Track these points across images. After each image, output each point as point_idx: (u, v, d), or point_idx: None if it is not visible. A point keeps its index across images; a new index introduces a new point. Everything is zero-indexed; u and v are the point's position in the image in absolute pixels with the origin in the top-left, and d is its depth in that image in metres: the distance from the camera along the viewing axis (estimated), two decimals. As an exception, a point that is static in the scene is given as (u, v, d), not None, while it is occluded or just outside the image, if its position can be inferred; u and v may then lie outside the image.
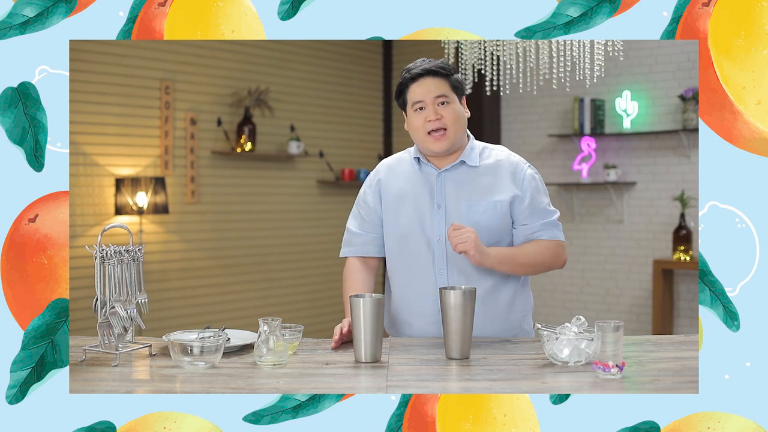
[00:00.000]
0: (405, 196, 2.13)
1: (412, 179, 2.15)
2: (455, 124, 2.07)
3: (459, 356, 1.78)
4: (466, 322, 1.78)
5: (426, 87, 2.06)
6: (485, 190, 2.10)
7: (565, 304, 5.67)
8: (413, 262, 2.11)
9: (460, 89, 2.10)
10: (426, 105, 2.06)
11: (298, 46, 5.63)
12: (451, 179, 2.11)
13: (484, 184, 2.11)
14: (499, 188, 2.11)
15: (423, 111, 2.07)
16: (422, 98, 2.06)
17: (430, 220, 2.09)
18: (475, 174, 2.11)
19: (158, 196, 4.61)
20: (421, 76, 2.07)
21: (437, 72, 2.07)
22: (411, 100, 2.08)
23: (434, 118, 2.05)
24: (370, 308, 1.76)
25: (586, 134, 5.38)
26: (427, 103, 2.06)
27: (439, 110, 2.05)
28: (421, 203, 2.11)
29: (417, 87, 2.07)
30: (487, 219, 2.07)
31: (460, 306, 1.78)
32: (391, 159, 2.25)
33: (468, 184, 2.10)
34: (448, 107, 2.06)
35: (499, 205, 2.09)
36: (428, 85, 2.06)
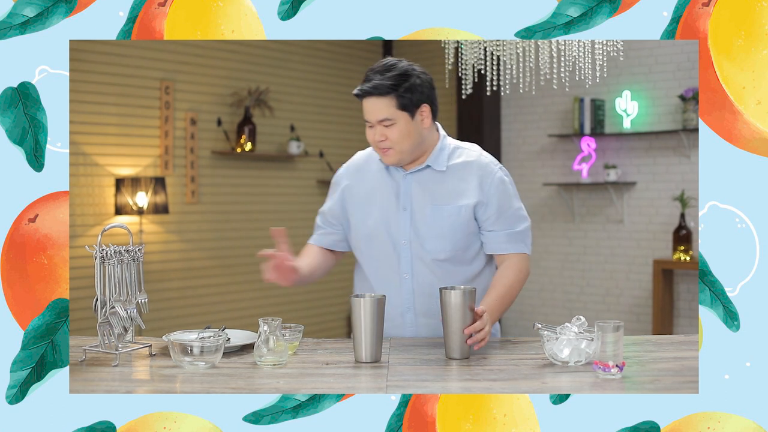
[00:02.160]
0: (372, 198, 2.12)
1: (378, 180, 2.13)
2: (402, 143, 2.01)
3: (459, 356, 1.79)
4: (466, 321, 1.78)
5: (371, 108, 2.00)
6: (451, 194, 2.07)
7: (565, 304, 5.67)
8: (380, 263, 2.11)
9: (412, 104, 1.99)
10: (373, 124, 2.02)
11: (298, 46, 5.63)
12: (417, 182, 2.08)
13: (450, 188, 2.07)
14: (464, 192, 2.07)
15: (372, 129, 2.03)
16: (368, 118, 2.02)
17: (396, 222, 2.08)
18: (442, 177, 2.08)
19: (158, 196, 4.61)
20: (365, 95, 2.00)
21: (383, 92, 1.97)
22: (363, 114, 2.04)
23: (379, 139, 2.01)
24: (370, 308, 1.76)
25: (586, 134, 5.38)
26: (373, 123, 2.01)
27: (384, 131, 2.00)
28: (386, 205, 2.09)
29: (365, 104, 2.01)
30: (451, 224, 2.05)
31: (460, 305, 1.78)
32: (360, 157, 2.22)
33: (434, 188, 2.07)
34: (393, 128, 1.99)
35: (464, 210, 2.05)
36: (373, 106, 1.99)
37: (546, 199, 5.73)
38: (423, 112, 2.03)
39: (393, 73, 1.98)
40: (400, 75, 1.98)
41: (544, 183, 5.66)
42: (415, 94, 2.00)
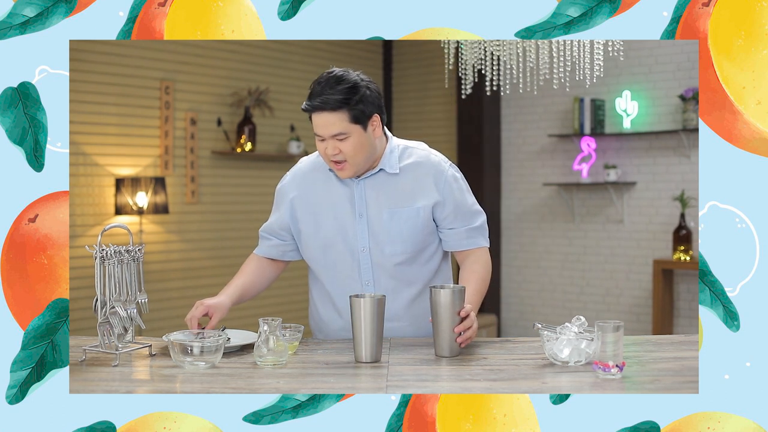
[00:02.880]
0: (323, 207, 2.08)
1: (330, 188, 2.08)
2: (356, 156, 1.98)
3: (449, 354, 1.81)
4: (455, 320, 1.80)
5: (322, 123, 1.95)
6: (406, 197, 2.05)
7: (565, 304, 5.67)
8: (338, 272, 2.08)
9: (364, 116, 1.95)
10: (325, 138, 1.97)
11: (298, 46, 5.63)
12: (371, 187, 2.05)
13: (405, 190, 2.05)
14: (420, 193, 2.05)
15: (323, 142, 1.98)
16: (320, 133, 1.97)
17: (353, 230, 2.05)
18: (395, 180, 2.05)
19: (158, 196, 4.61)
20: (316, 110, 1.95)
21: (335, 107, 1.93)
22: (313, 128, 1.99)
23: (333, 153, 1.97)
24: (370, 308, 1.76)
25: (586, 134, 5.38)
26: (326, 137, 1.97)
27: (338, 145, 1.96)
28: (341, 213, 2.06)
29: (315, 119, 1.97)
30: (410, 227, 2.04)
31: (450, 304, 1.80)
32: (307, 165, 2.16)
33: (389, 191, 2.05)
34: (347, 142, 1.95)
35: (422, 212, 2.04)
36: (324, 121, 1.95)
37: (546, 199, 5.73)
38: (374, 123, 1.99)
39: (343, 86, 1.93)
40: (350, 88, 1.94)
41: (544, 183, 5.66)
42: (366, 106, 1.96)
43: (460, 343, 1.82)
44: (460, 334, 1.80)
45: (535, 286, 5.79)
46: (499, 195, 5.89)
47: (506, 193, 5.89)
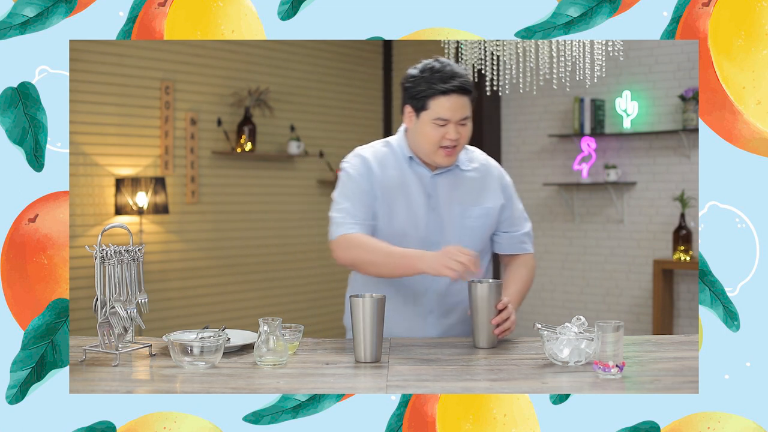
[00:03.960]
0: (399, 193, 2.06)
1: (404, 177, 2.07)
2: (466, 142, 2.04)
3: (487, 345, 1.90)
4: (492, 312, 1.89)
5: (455, 106, 1.96)
6: (477, 196, 2.09)
7: (565, 304, 5.67)
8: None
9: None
10: (449, 123, 1.97)
11: (298, 46, 5.63)
12: (444, 182, 2.07)
13: (475, 189, 2.09)
14: (489, 194, 2.10)
15: (443, 128, 1.98)
16: (448, 117, 1.96)
17: (425, 222, 2.06)
18: (465, 178, 2.09)
19: (158, 196, 4.61)
20: (453, 92, 1.95)
21: (468, 90, 1.97)
22: (434, 113, 1.97)
23: (454, 137, 1.98)
24: (370, 308, 1.76)
25: (586, 134, 5.38)
26: (451, 122, 1.97)
27: (460, 130, 1.98)
28: (415, 205, 2.06)
29: (446, 102, 1.96)
30: (480, 225, 2.08)
31: (487, 297, 1.88)
32: (377, 151, 2.11)
33: (460, 188, 2.08)
34: (466, 127, 2.00)
35: (492, 212, 2.09)
36: (458, 104, 1.96)
37: (546, 199, 5.73)
38: None
39: (466, 74, 1.99)
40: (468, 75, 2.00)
41: (544, 183, 5.66)
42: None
43: (498, 335, 1.90)
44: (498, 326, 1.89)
45: (535, 286, 5.79)
46: (499, 195, 5.88)
47: (506, 193, 5.88)
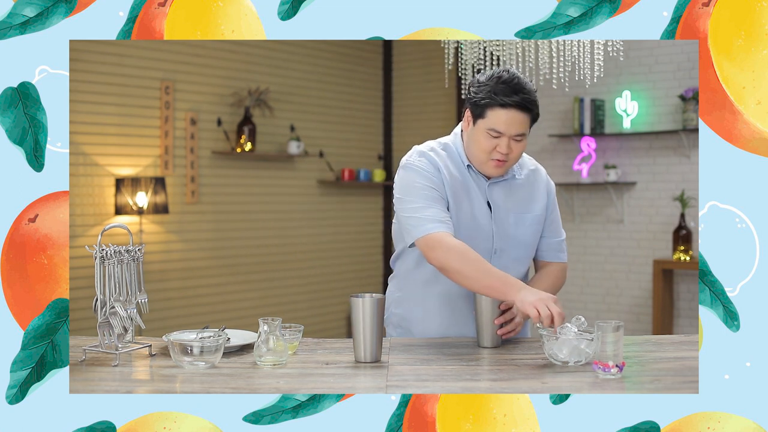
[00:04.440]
0: (463, 199, 2.04)
1: (466, 182, 2.05)
2: (519, 157, 2.01)
3: (491, 345, 1.91)
4: (496, 312, 1.90)
5: (512, 121, 1.93)
6: (528, 202, 2.10)
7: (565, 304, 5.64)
8: None
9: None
10: (502, 136, 1.95)
11: (298, 46, 5.63)
12: (499, 190, 2.07)
13: (526, 196, 2.11)
14: (537, 200, 2.12)
15: (497, 139, 1.95)
16: (503, 131, 1.94)
17: (488, 229, 2.05)
18: (516, 186, 2.10)
19: (158, 196, 4.61)
20: (512, 107, 1.92)
21: (530, 109, 1.94)
22: (490, 124, 1.94)
23: (505, 151, 1.96)
24: (370, 308, 1.76)
25: (586, 134, 5.38)
26: (505, 135, 1.95)
27: (513, 145, 1.96)
28: (478, 211, 2.05)
29: (504, 115, 1.93)
30: (532, 231, 2.11)
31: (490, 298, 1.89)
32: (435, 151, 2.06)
33: (513, 196, 2.09)
34: (521, 143, 1.97)
35: (540, 218, 2.13)
36: (515, 120, 1.93)
37: (546, 199, 5.73)
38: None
39: (533, 90, 1.95)
40: (534, 93, 1.96)
41: (544, 183, 5.66)
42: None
43: (502, 336, 1.91)
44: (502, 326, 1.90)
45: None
46: (499, 195, 5.88)
47: (506, 193, 5.88)
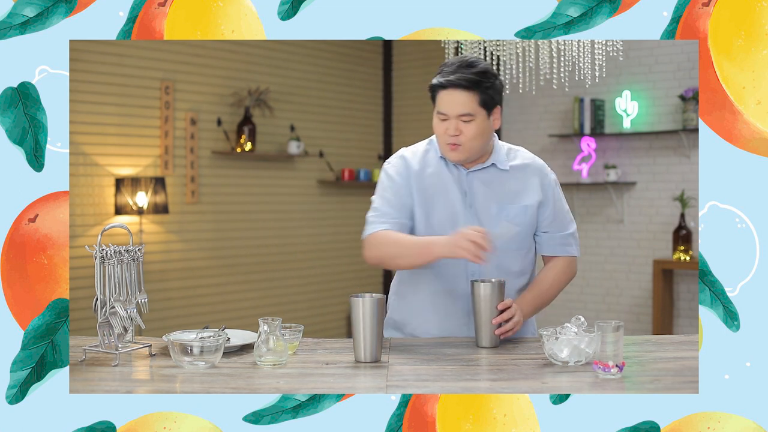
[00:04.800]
0: (436, 191, 2.07)
1: (441, 175, 2.08)
2: (473, 141, 1.99)
3: (489, 345, 1.90)
4: (495, 312, 1.89)
5: (452, 101, 1.96)
6: (514, 194, 2.08)
7: (565, 304, 5.67)
8: (446, 262, 2.04)
9: (492, 102, 1.98)
10: (449, 118, 1.97)
11: (298, 46, 5.63)
12: (481, 180, 2.07)
13: (512, 188, 2.08)
14: (527, 193, 2.09)
15: (445, 122, 1.98)
16: (446, 112, 1.97)
17: (464, 220, 2.04)
18: (504, 177, 2.08)
19: (158, 196, 4.61)
20: (450, 86, 1.95)
21: (468, 87, 1.95)
22: (438, 107, 1.99)
23: (453, 134, 1.97)
24: (370, 308, 1.76)
25: (586, 134, 5.37)
26: (450, 116, 1.97)
27: (460, 126, 1.97)
28: (452, 202, 2.06)
29: (446, 96, 1.97)
30: (518, 223, 2.07)
31: (490, 297, 1.89)
32: (415, 149, 2.14)
33: (497, 187, 2.07)
34: (470, 125, 1.97)
35: (529, 210, 2.09)
36: (454, 99, 1.95)
37: (546, 199, 5.73)
38: (496, 113, 2.02)
39: (477, 69, 1.96)
40: (484, 72, 1.97)
41: (544, 183, 5.65)
42: (495, 94, 1.99)
43: (499, 335, 1.90)
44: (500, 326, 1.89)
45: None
46: (499, 195, 5.88)
47: (506, 193, 5.88)
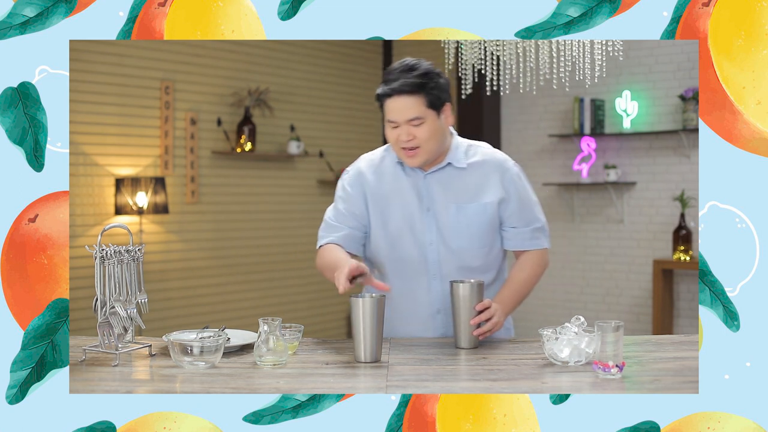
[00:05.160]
0: (392, 198, 2.08)
1: (397, 180, 2.09)
2: (429, 141, 1.99)
3: (468, 346, 1.89)
4: (474, 312, 1.89)
5: (399, 107, 1.96)
6: (473, 192, 2.06)
7: (565, 304, 5.67)
8: (405, 265, 2.07)
9: (439, 101, 1.98)
10: (399, 124, 1.98)
11: (298, 46, 5.63)
12: (438, 181, 2.07)
13: (471, 186, 2.07)
14: (487, 189, 2.07)
15: (396, 129, 1.99)
16: (395, 119, 1.97)
17: (421, 223, 2.05)
18: (462, 175, 2.07)
19: (158, 196, 4.61)
20: (395, 93, 1.95)
21: (412, 91, 1.94)
22: (386, 116, 1.99)
23: (407, 139, 1.97)
24: (370, 308, 1.76)
25: (586, 134, 5.37)
26: (400, 123, 1.97)
27: (413, 131, 1.97)
28: (409, 206, 2.06)
29: (391, 104, 1.97)
30: (477, 222, 2.05)
31: (469, 298, 1.88)
32: (372, 157, 2.17)
33: (455, 186, 2.06)
34: (421, 128, 1.97)
35: (489, 207, 2.06)
36: (401, 105, 1.95)
37: (546, 199, 5.73)
38: (446, 111, 2.02)
39: (418, 72, 1.96)
40: (425, 74, 1.96)
41: (544, 183, 5.66)
42: (441, 93, 1.99)
43: (478, 336, 1.90)
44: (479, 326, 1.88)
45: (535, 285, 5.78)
46: (499, 195, 5.88)
47: (506, 193, 5.88)
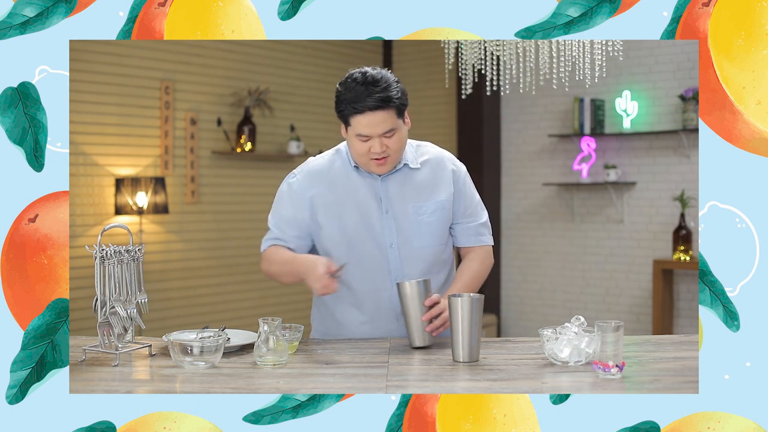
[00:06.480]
0: (347, 205, 2.05)
1: (352, 185, 2.06)
2: (399, 150, 2.00)
3: (422, 344, 1.89)
4: (423, 310, 1.89)
5: (374, 123, 1.93)
6: (429, 190, 2.07)
7: (565, 304, 5.67)
8: (365, 268, 2.05)
9: (404, 108, 1.98)
10: (372, 137, 1.95)
11: (298, 46, 5.63)
12: (394, 182, 2.06)
13: (426, 184, 2.08)
14: (440, 187, 2.09)
15: (367, 142, 1.96)
16: (369, 133, 1.95)
17: (380, 226, 2.05)
18: (416, 175, 2.08)
19: (158, 196, 4.61)
20: (369, 110, 1.92)
21: (384, 106, 1.92)
22: (356, 130, 1.95)
23: (380, 150, 1.96)
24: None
25: (586, 134, 5.37)
26: (374, 135, 1.95)
27: (385, 142, 1.95)
28: (367, 210, 2.05)
29: (364, 120, 1.93)
30: (436, 219, 2.07)
31: (417, 295, 1.90)
32: (320, 165, 2.12)
33: (412, 186, 2.07)
34: (394, 138, 1.96)
35: (446, 204, 2.08)
36: (376, 120, 1.93)
37: (546, 199, 5.73)
38: (406, 117, 2.02)
39: (385, 85, 1.93)
40: (391, 84, 1.94)
41: (544, 183, 5.66)
42: (404, 100, 1.98)
43: (432, 333, 1.90)
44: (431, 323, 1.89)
45: (535, 286, 5.79)
46: (499, 195, 5.89)
47: (506, 193, 5.89)
